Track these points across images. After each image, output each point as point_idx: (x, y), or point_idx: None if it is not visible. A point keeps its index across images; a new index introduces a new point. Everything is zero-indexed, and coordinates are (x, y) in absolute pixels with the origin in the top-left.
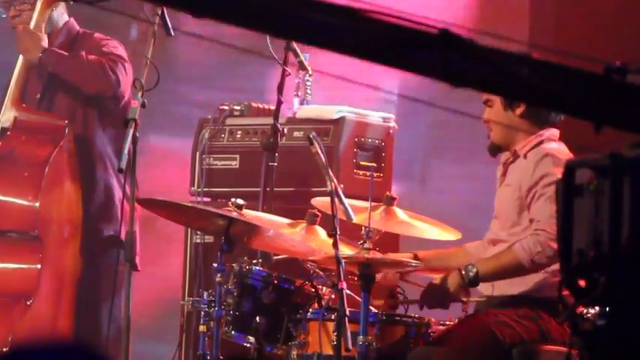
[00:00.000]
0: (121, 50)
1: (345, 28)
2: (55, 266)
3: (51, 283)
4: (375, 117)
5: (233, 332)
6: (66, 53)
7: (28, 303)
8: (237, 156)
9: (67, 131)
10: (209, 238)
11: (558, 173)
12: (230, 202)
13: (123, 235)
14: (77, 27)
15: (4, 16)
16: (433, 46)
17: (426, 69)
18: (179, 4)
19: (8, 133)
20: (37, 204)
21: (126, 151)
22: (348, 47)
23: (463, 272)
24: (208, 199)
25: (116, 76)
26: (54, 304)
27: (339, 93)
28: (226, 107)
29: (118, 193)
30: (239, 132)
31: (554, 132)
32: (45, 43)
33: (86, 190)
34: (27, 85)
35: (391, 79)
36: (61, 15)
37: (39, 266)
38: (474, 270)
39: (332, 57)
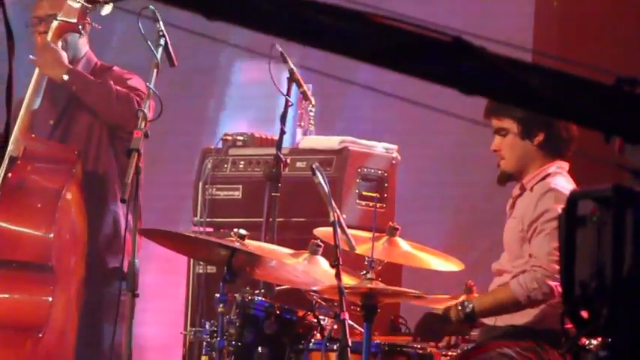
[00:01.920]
0: (144, 87)
1: (356, 32)
2: (65, 298)
3: (61, 315)
4: (378, 147)
5: None
6: (92, 78)
7: (40, 335)
8: (240, 186)
9: (79, 161)
10: (211, 269)
11: (559, 209)
12: (232, 233)
13: (125, 266)
14: (95, 59)
15: (31, 28)
16: (445, 53)
17: (437, 76)
18: (192, 6)
19: (18, 162)
20: (52, 235)
21: (129, 181)
22: (358, 52)
23: (460, 308)
24: (211, 230)
25: (139, 111)
26: (62, 336)
27: (342, 124)
28: (229, 137)
29: (122, 223)
30: (242, 162)
31: (563, 164)
32: (66, 61)
33: (94, 220)
34: (38, 114)
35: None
36: (85, 44)
37: (51, 298)
38: (470, 306)
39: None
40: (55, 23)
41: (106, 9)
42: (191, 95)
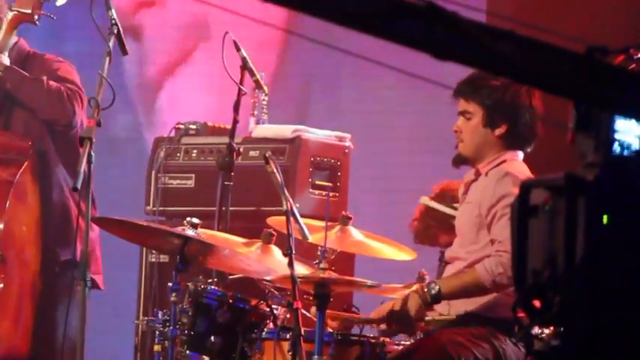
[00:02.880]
0: (75, 75)
1: None
2: (16, 286)
3: (12, 302)
4: (331, 136)
5: (188, 352)
6: (27, 74)
7: None
8: (193, 175)
9: (30, 151)
10: (164, 257)
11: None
12: (185, 221)
13: (78, 255)
14: (27, 47)
15: None
16: (418, 17)
17: (409, 39)
18: None
19: None
20: (1, 225)
21: (81, 169)
22: (336, 15)
23: (425, 290)
24: (163, 218)
25: (73, 107)
26: (13, 323)
27: (295, 113)
28: (182, 126)
29: (74, 214)
30: (195, 151)
31: (518, 153)
32: (6, 60)
33: (45, 210)
34: None
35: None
36: (14, 35)
37: (1, 286)
38: (437, 287)
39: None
40: (9, 14)
41: (61, 0)
42: (143, 84)
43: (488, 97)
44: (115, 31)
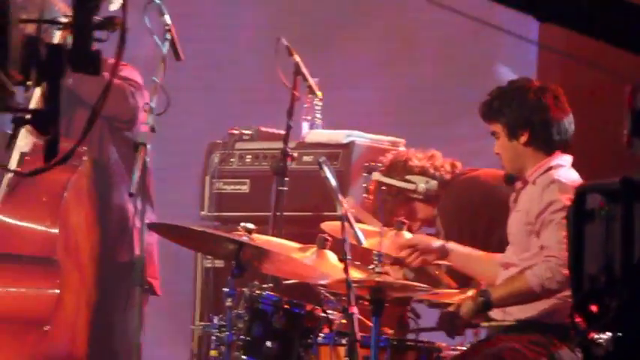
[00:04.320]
0: (137, 76)
1: None
2: (72, 291)
3: (69, 309)
4: (384, 141)
5: (244, 357)
6: None
7: (45, 329)
8: (247, 180)
9: (85, 156)
10: (219, 263)
11: (564, 199)
12: (240, 227)
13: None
14: None
15: None
16: None
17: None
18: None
19: (27, 157)
20: (56, 230)
21: (136, 175)
22: None
23: (476, 298)
24: (218, 224)
25: (135, 102)
26: (71, 330)
27: (349, 118)
28: (236, 131)
29: (132, 218)
30: (249, 156)
31: (566, 158)
32: None
33: (103, 215)
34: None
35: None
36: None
37: (57, 292)
38: (487, 296)
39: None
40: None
41: (115, 4)
42: (198, 89)
43: (503, 113)
44: (169, 37)
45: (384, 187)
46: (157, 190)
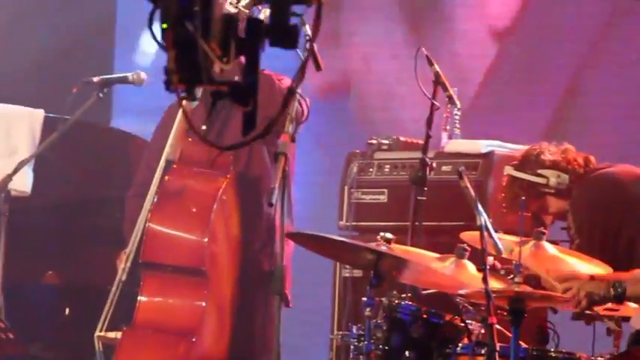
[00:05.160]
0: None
1: None
2: (217, 301)
3: (213, 318)
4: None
5: None
6: None
7: (193, 340)
8: (386, 190)
9: (232, 166)
10: (357, 272)
11: None
12: (379, 236)
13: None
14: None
15: None
16: None
17: None
18: None
19: (175, 166)
20: (206, 239)
21: (276, 185)
22: None
23: (612, 286)
24: (356, 233)
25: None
26: (214, 338)
27: (487, 128)
28: (374, 141)
29: (276, 228)
30: (387, 166)
31: None
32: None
33: (249, 224)
34: (192, 117)
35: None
36: None
37: (204, 303)
38: (623, 286)
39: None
40: None
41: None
42: (336, 99)
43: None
44: (308, 47)
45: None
46: (295, 199)
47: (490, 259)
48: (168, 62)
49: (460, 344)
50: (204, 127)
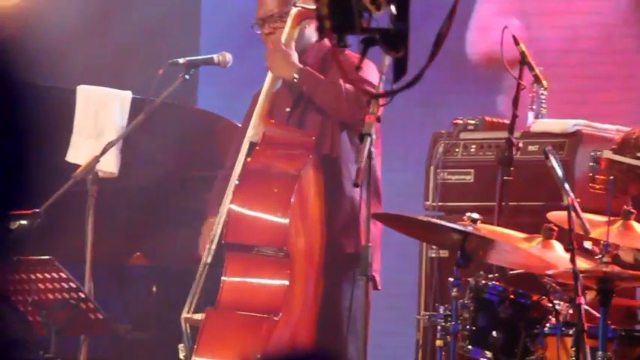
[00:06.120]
0: (374, 74)
1: None
2: (301, 281)
3: (298, 298)
4: (611, 130)
5: (470, 347)
6: (322, 76)
7: (276, 319)
8: (472, 170)
9: (315, 147)
10: (444, 253)
11: None
12: (465, 217)
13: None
14: (328, 44)
15: (259, 32)
16: None
17: None
18: None
19: (257, 148)
20: (287, 220)
21: (361, 166)
22: None
23: None
24: (442, 213)
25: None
26: (300, 319)
27: (574, 107)
28: (460, 121)
29: (359, 209)
30: (473, 146)
31: None
32: (296, 60)
33: (332, 206)
34: (276, 99)
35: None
36: (314, 32)
37: (287, 282)
38: None
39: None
40: (293, 10)
41: None
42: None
43: None
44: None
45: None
46: (382, 180)
47: (588, 244)
48: (320, 7)
49: (548, 324)
50: (287, 110)
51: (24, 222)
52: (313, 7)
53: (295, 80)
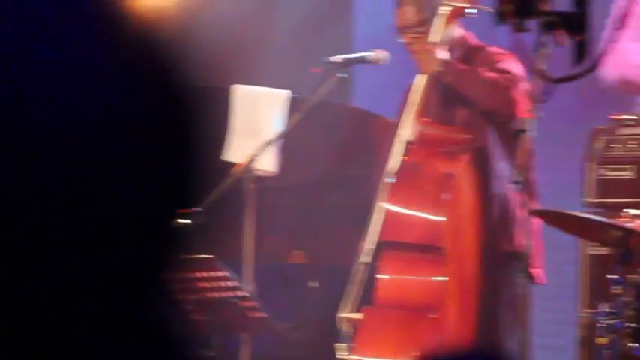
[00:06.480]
0: (517, 68)
1: None
2: (458, 279)
3: (455, 295)
4: None
5: (633, 345)
6: (463, 67)
7: (434, 316)
8: (632, 166)
9: (470, 144)
10: (604, 250)
11: None
12: (623, 213)
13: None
14: (472, 41)
15: (400, 41)
16: None
17: None
18: None
19: (413, 146)
20: (442, 218)
21: (519, 163)
22: None
23: None
24: (601, 210)
25: (510, 96)
26: (458, 317)
27: None
28: (618, 117)
29: (514, 206)
30: (633, 142)
31: None
32: (444, 54)
33: (486, 204)
34: (426, 99)
35: None
36: (456, 29)
37: (444, 279)
38: None
39: None
40: (445, 9)
41: None
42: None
43: None
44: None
45: None
46: (539, 177)
47: None
48: None
49: None
50: (436, 109)
51: (188, 221)
52: (462, 4)
53: (440, 72)
